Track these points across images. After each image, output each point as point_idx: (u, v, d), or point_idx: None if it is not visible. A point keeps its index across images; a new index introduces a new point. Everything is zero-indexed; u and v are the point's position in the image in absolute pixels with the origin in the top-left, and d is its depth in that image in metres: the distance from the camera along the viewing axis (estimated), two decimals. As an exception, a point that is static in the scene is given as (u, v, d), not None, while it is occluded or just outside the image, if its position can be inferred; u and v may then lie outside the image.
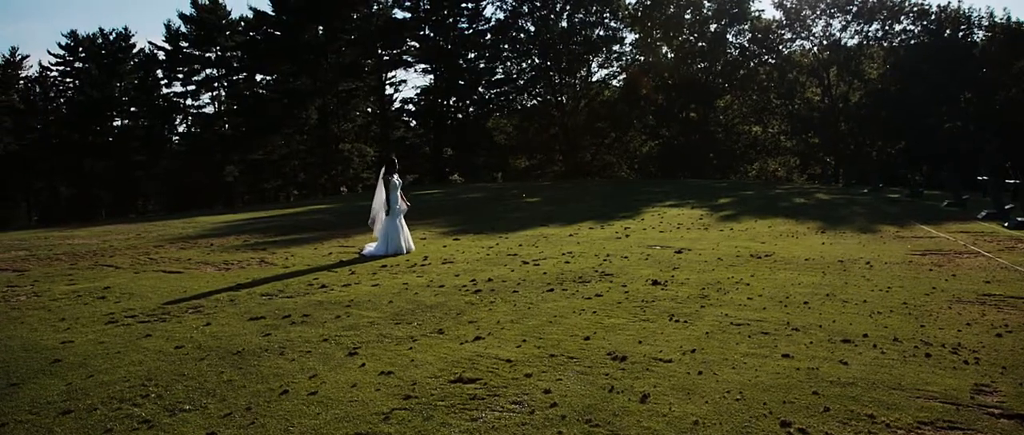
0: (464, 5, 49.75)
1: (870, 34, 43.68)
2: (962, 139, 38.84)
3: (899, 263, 10.72)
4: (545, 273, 10.24)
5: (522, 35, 50.18)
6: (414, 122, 54.89)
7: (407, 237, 12.91)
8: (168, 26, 54.63)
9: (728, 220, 17.50)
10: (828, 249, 12.43)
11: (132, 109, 58.12)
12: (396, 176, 12.86)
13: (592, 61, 48.94)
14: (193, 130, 57.83)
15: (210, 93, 56.24)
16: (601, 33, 48.55)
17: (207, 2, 53.86)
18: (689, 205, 21.19)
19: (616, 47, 48.31)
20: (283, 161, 52.76)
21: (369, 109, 53.51)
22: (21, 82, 61.42)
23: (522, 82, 50.43)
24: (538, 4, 48.49)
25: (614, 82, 49.66)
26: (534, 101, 51.63)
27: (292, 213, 22.91)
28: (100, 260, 12.32)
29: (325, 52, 50.92)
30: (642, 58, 46.59)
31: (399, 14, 51.71)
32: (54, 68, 59.19)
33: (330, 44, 50.76)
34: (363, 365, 6.03)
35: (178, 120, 59.19)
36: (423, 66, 51.44)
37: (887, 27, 43.10)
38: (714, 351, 6.20)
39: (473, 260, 11.63)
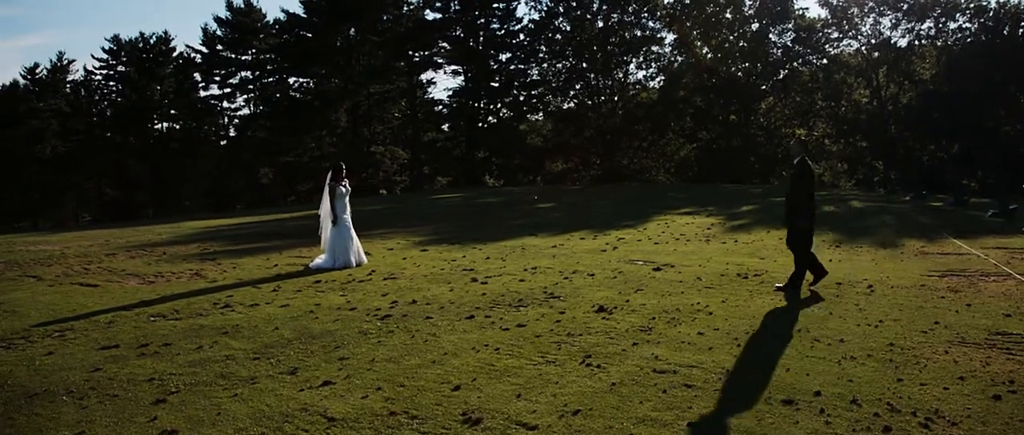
0: (496, 6, 48.50)
1: (922, 33, 40.85)
2: (1022, 143, 35.95)
3: (908, 287, 9.04)
4: (484, 295, 8.89)
5: (557, 36, 48.71)
6: (446, 125, 53.89)
7: (357, 249, 11.70)
8: (205, 29, 54.86)
9: (738, 230, 15.83)
10: (833, 267, 10.77)
11: (172, 112, 58.56)
12: (343, 184, 11.67)
13: (629, 62, 47.20)
14: (229, 132, 58.01)
15: (245, 95, 56.29)
16: (639, 33, 46.79)
17: (242, 4, 53.88)
18: (705, 213, 19.52)
19: (655, 48, 46.48)
20: (314, 163, 52.38)
21: (397, 114, 52.70)
22: (68, 86, 62.67)
23: (557, 83, 48.95)
24: (574, 4, 46.98)
25: (652, 84, 47.84)
26: (570, 103, 50.11)
27: (288, 218, 21.99)
28: (30, 271, 11.43)
29: (355, 54, 50.38)
30: (681, 59, 44.65)
31: (430, 15, 50.83)
32: (98, 72, 60.12)
33: (360, 46, 50.18)
34: (154, 419, 4.82)
35: (215, 122, 59.39)
36: (453, 68, 50.44)
37: (940, 25, 40.21)
38: (604, 414, 4.80)
39: (419, 277, 10.35)
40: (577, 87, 48.19)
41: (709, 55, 43.50)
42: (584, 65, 47.03)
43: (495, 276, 10.30)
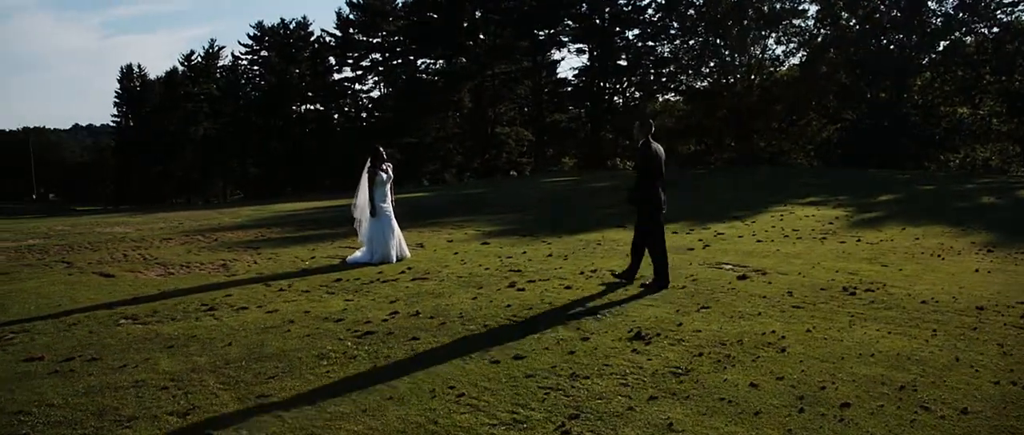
0: (623, -20, 46.14)
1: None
2: None
3: (1084, 320, 6.58)
4: (508, 306, 7.30)
5: (690, 11, 45.54)
6: (571, 106, 52.10)
7: (398, 243, 10.40)
8: (338, 13, 55.89)
9: (864, 226, 13.21)
10: (978, 281, 8.31)
11: (308, 94, 60.33)
12: (384, 169, 10.37)
13: (767, 37, 43.28)
14: (358, 113, 59.08)
15: (374, 77, 57.04)
16: (778, 6, 42.80)
17: (373, -14, 54.44)
18: (833, 203, 16.75)
19: (796, 21, 42.32)
20: (438, 144, 52.30)
21: (521, 92, 51.45)
22: (218, 72, 66.29)
23: (688, 61, 45.86)
24: (709, -24, 43.74)
25: (792, 60, 43.71)
26: (702, 82, 46.89)
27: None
28: (70, 255, 11.03)
29: (479, 33, 49.59)
30: (825, 31, 40.32)
31: (555, -8, 49.07)
32: (243, 57, 63.02)
33: (485, 25, 49.31)
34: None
35: (349, 104, 60.67)
36: (578, 46, 48.51)
37: None
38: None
39: (452, 279, 8.89)
40: (710, 65, 44.91)
41: (856, 26, 38.93)
42: (718, 41, 43.70)
43: (540, 280, 8.66)
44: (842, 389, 4.90)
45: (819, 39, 40.89)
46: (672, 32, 46.60)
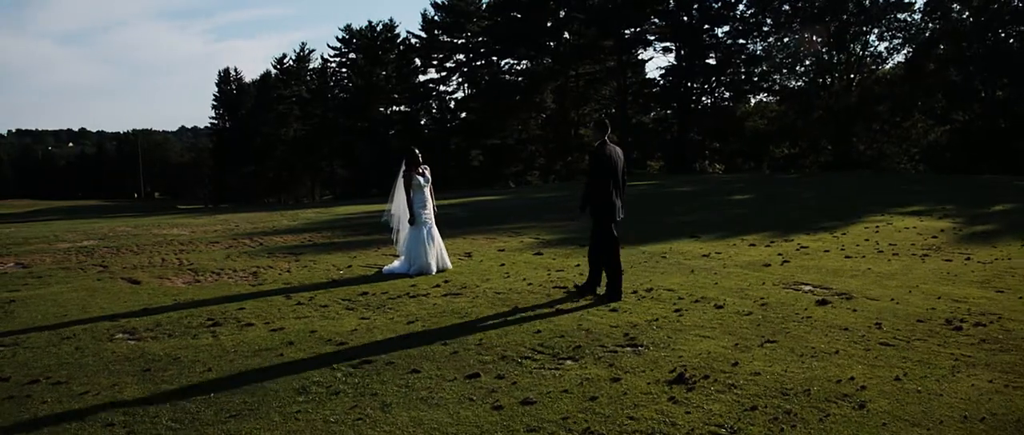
0: (713, -25, 44.25)
1: None
2: None
3: None
4: (538, 332, 6.36)
5: (785, 6, 43.22)
6: (657, 107, 50.40)
7: (439, 253, 9.59)
8: (424, 15, 56.04)
9: (975, 241, 11.53)
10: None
11: (394, 96, 60.79)
12: (421, 173, 9.57)
13: (869, 32, 40.55)
14: (443, 115, 59.06)
15: (458, 78, 56.89)
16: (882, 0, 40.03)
17: (458, -13, 54.31)
18: (938, 213, 14.94)
19: (901, 15, 39.47)
20: (520, 146, 51.63)
21: (605, 92, 50.14)
22: (308, 75, 67.80)
23: (782, 60, 43.52)
24: (803, -30, 41.35)
25: (896, 57, 40.81)
26: (797, 82, 44.43)
27: (453, 204, 20.50)
28: (109, 258, 10.77)
29: (563, 33, 48.62)
30: (932, 25, 37.37)
31: (641, -11, 47.54)
32: (332, 60, 64.15)
33: (568, 24, 48.30)
34: None
35: (433, 106, 60.74)
36: (665, 45, 46.83)
37: None
38: None
39: (488, 295, 8.00)
40: (806, 63, 42.54)
41: (970, 19, 35.86)
42: (815, 38, 41.28)
43: (584, 300, 7.66)
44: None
45: (927, 34, 38.05)
46: (765, 29, 44.50)
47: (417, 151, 9.68)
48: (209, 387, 5.04)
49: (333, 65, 64.72)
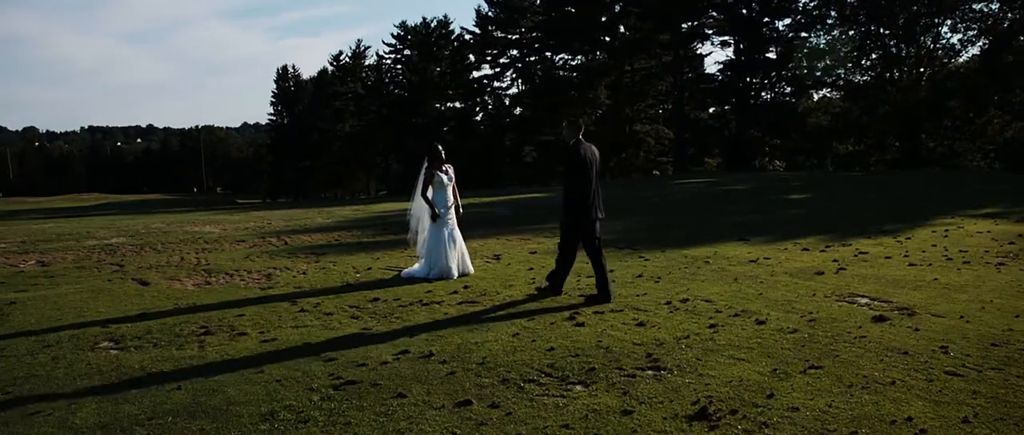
0: (772, -33, 42.56)
1: None
2: None
3: None
4: (551, 350, 5.69)
5: (851, -1, 41.27)
6: (716, 102, 48.92)
7: (461, 256, 8.99)
8: (478, 11, 55.65)
9: (1063, 252, 10.36)
10: None
11: (449, 92, 60.59)
12: (444, 171, 8.98)
13: (941, 24, 38.38)
14: (498, 111, 58.63)
15: (512, 74, 56.35)
16: (956, -12, 37.81)
17: (513, -17, 53.71)
18: (1015, 216, 13.65)
19: (976, 5, 37.20)
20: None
21: (661, 88, 48.85)
22: (364, 71, 68.28)
23: (847, 53, 41.61)
24: (873, -42, 39.37)
25: (970, 50, 38.53)
26: (863, 76, 42.42)
27: (501, 201, 19.98)
28: (125, 258, 10.53)
29: (618, 27, 47.53)
30: (1012, 15, 35.11)
31: (699, -18, 46.13)
32: (387, 57, 64.37)
33: (624, 18, 47.19)
34: None
35: (489, 101, 60.34)
36: (723, 39, 45.28)
37: None
38: None
39: (510, 304, 7.39)
40: (872, 57, 40.57)
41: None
42: (882, 30, 39.35)
43: (610, 312, 6.97)
44: None
45: (1005, 24, 35.73)
46: (829, 22, 42.61)
47: (440, 147, 9.10)
48: (170, 409, 4.54)
49: (388, 62, 64.95)
